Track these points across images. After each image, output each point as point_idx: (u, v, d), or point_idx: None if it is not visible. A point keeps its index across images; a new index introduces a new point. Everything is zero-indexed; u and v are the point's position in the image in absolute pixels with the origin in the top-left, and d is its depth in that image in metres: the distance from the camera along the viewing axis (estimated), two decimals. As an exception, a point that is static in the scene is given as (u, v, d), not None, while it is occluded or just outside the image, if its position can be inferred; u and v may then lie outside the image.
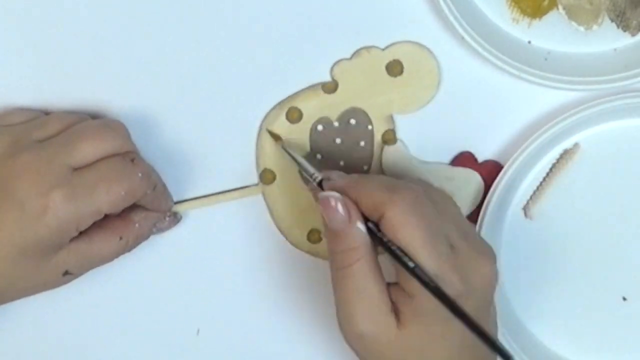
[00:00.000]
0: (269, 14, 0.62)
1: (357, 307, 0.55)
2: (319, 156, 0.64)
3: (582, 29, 0.63)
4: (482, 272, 0.56)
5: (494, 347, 0.50)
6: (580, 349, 0.67)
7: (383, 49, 0.62)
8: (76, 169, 0.56)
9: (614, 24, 0.63)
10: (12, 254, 0.56)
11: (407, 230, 0.53)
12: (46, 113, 0.61)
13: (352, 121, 0.63)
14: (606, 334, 0.67)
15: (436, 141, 0.64)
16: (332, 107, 0.63)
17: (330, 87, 0.63)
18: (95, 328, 0.66)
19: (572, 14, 0.63)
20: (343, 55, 0.63)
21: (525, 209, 0.65)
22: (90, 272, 0.61)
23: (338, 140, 0.64)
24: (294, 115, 0.63)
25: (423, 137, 0.64)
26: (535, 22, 0.63)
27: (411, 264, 0.53)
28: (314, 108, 0.63)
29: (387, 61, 0.62)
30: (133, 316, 0.66)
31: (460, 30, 0.60)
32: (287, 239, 0.65)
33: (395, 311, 0.55)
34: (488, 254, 0.57)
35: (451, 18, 0.60)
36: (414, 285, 0.53)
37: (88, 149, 0.57)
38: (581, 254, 0.66)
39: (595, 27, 0.63)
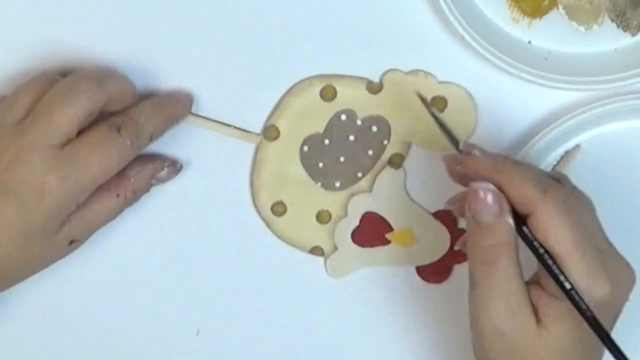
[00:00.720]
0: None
1: (501, 305, 0.53)
2: (326, 141, 0.63)
3: (582, 29, 0.63)
4: (628, 275, 0.54)
5: None
6: None
7: (439, 82, 0.63)
8: (63, 145, 0.56)
9: (614, 24, 0.63)
10: (16, 243, 0.56)
11: (559, 232, 0.52)
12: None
13: (374, 128, 0.63)
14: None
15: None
16: (363, 105, 0.63)
17: (375, 88, 0.63)
18: (95, 328, 0.66)
19: (572, 13, 0.63)
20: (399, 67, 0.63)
21: None
22: (89, 273, 0.62)
23: (352, 138, 0.64)
24: (328, 94, 0.63)
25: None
26: (536, 22, 0.63)
27: (557, 272, 0.52)
28: (348, 97, 0.63)
29: (435, 94, 0.63)
30: (133, 317, 0.66)
31: (460, 30, 0.60)
32: (252, 198, 0.64)
33: (535, 311, 0.53)
34: (624, 258, 0.55)
35: (451, 18, 0.60)
36: (560, 289, 0.52)
37: (65, 121, 0.56)
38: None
39: (595, 27, 0.63)
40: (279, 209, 0.64)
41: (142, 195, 0.62)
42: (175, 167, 0.63)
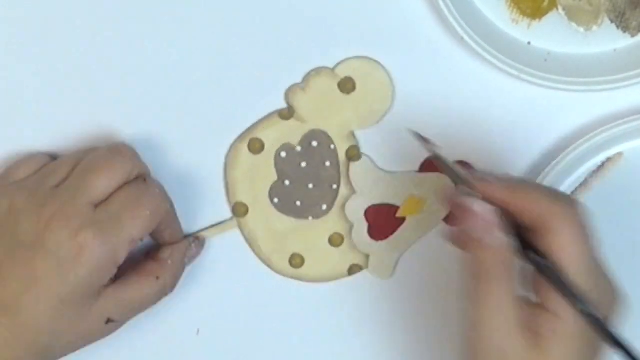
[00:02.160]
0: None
1: (499, 322, 0.52)
2: (287, 182, 0.64)
3: (581, 29, 0.63)
4: (612, 290, 0.54)
5: None
6: None
7: (332, 68, 0.63)
8: (97, 205, 0.57)
9: (613, 25, 0.63)
10: (53, 306, 0.56)
11: (574, 249, 0.52)
12: (52, 157, 0.62)
13: (314, 143, 0.63)
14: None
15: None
16: (292, 132, 0.63)
17: (286, 114, 0.63)
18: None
19: (572, 14, 0.63)
20: (294, 80, 0.63)
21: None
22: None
23: (303, 164, 0.64)
24: (255, 146, 0.63)
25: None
26: (535, 23, 0.63)
27: (569, 289, 0.52)
28: (274, 136, 0.63)
29: (338, 80, 0.63)
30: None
31: (460, 31, 0.60)
32: (270, 267, 0.65)
33: (532, 331, 0.53)
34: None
35: (451, 19, 0.60)
36: (561, 307, 0.52)
37: (102, 183, 0.57)
38: (617, 262, 0.65)
39: (595, 28, 0.63)
40: (295, 260, 0.65)
41: (179, 277, 0.62)
42: (200, 241, 0.64)
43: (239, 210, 0.64)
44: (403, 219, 0.65)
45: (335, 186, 0.64)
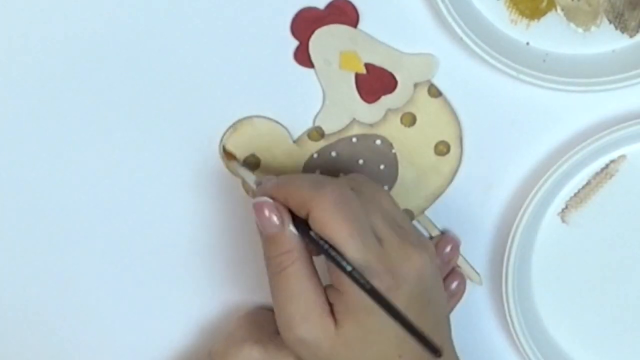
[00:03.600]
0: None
1: (294, 311, 0.55)
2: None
3: (580, 30, 0.63)
4: (412, 263, 0.56)
5: (422, 340, 0.52)
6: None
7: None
8: None
9: (612, 26, 0.63)
10: None
11: (332, 226, 0.54)
12: None
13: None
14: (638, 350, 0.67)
15: None
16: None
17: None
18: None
19: (571, 15, 0.63)
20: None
21: (564, 214, 0.65)
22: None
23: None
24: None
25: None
26: (534, 23, 0.63)
27: (339, 259, 0.54)
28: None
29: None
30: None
31: (459, 31, 0.60)
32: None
33: (332, 312, 0.55)
34: (420, 245, 0.57)
35: (449, 19, 0.60)
36: (344, 282, 0.54)
37: None
38: (617, 265, 0.66)
39: (593, 28, 0.63)
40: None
41: None
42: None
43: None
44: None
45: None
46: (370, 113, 0.63)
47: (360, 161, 0.64)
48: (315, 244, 0.55)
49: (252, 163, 0.63)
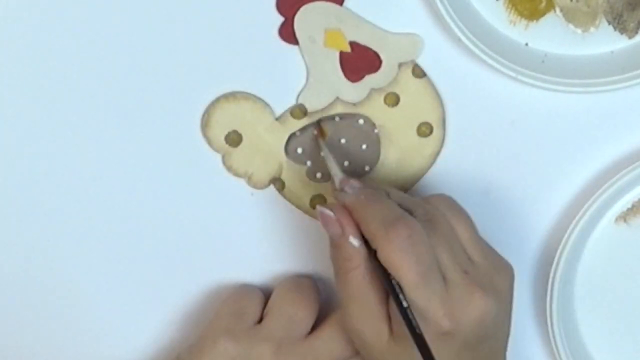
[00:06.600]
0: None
1: (354, 310, 0.58)
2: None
3: (579, 31, 0.63)
4: (474, 307, 0.56)
5: None
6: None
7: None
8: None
9: (611, 27, 0.63)
10: None
11: (397, 268, 0.55)
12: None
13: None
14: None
15: None
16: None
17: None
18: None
19: (569, 16, 0.63)
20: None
21: (625, 218, 0.66)
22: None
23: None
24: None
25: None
26: (533, 24, 0.63)
27: (398, 291, 0.55)
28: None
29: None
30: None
31: (457, 32, 0.60)
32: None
33: (390, 322, 0.57)
34: (489, 284, 0.57)
35: (448, 19, 0.60)
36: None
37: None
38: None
39: (592, 29, 0.63)
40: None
41: None
42: None
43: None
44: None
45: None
46: (354, 92, 0.63)
47: (343, 140, 0.64)
48: (380, 268, 0.56)
49: (234, 139, 0.63)
